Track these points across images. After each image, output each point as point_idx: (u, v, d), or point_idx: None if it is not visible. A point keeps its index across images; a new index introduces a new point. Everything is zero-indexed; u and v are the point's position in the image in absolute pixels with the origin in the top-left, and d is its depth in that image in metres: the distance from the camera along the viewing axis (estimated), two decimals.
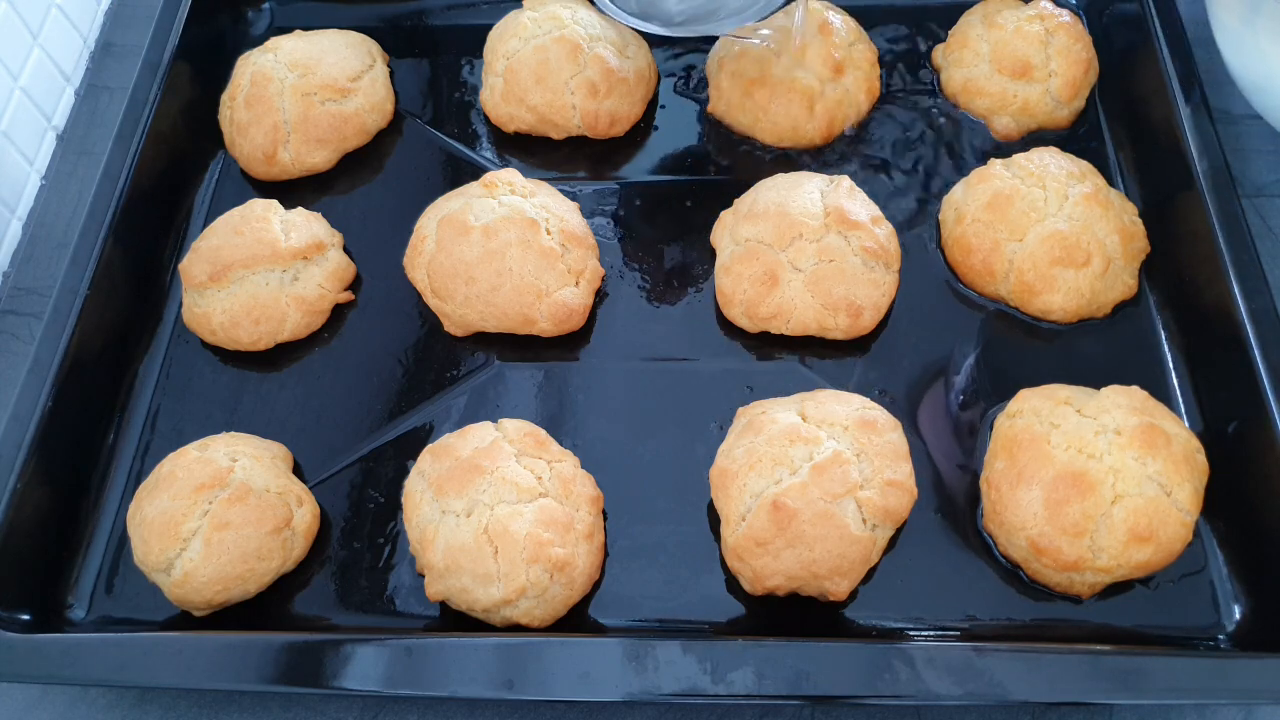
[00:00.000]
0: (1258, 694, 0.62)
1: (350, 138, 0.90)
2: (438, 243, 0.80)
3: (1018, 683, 0.61)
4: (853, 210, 0.78)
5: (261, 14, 1.01)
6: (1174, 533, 0.66)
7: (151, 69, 0.90)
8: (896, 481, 0.68)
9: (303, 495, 0.73)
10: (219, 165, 0.92)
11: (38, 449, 0.73)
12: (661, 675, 0.62)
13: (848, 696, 0.62)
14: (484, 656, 0.63)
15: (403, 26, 0.99)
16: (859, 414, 0.71)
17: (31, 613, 0.70)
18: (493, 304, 0.79)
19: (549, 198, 0.83)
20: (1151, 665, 0.61)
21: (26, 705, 0.71)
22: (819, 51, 0.86)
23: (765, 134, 0.89)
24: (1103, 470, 0.66)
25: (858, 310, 0.77)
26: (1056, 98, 0.87)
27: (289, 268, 0.81)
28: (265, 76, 0.89)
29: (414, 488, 0.71)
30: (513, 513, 0.67)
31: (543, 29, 0.89)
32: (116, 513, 0.75)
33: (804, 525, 0.66)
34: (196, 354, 0.82)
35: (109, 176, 0.84)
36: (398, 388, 0.80)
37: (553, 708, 0.69)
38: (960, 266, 0.81)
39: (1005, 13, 0.89)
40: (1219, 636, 0.67)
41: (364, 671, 0.63)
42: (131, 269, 0.84)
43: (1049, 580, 0.68)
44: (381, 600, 0.71)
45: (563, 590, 0.67)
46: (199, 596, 0.68)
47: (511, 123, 0.90)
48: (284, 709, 0.69)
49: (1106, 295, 0.78)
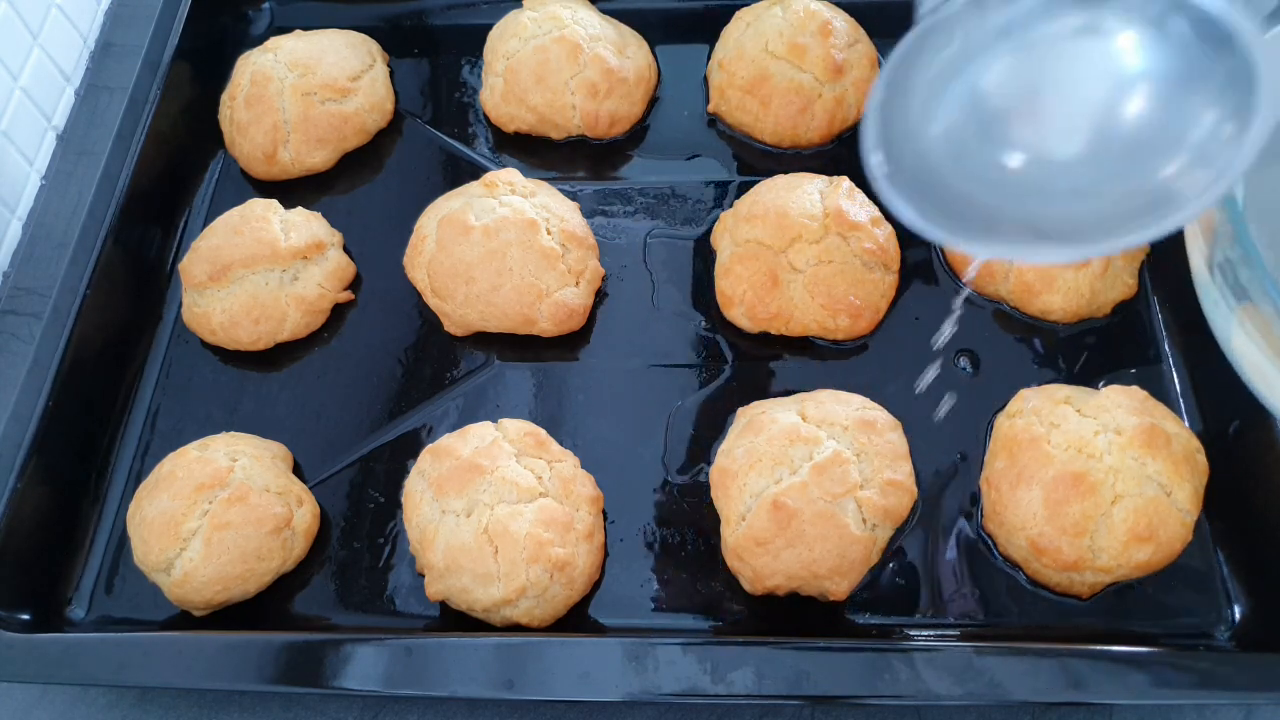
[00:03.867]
0: (1258, 694, 0.62)
1: (350, 138, 0.90)
2: (438, 242, 0.80)
3: (1018, 683, 0.61)
4: (852, 211, 0.78)
5: (261, 14, 1.01)
6: (1174, 533, 0.66)
7: (151, 69, 0.90)
8: (896, 481, 0.68)
9: (303, 495, 0.73)
10: (219, 165, 0.92)
11: (38, 449, 0.73)
12: (661, 675, 0.62)
13: (848, 696, 0.62)
14: (484, 656, 0.63)
15: (403, 26, 0.99)
16: (859, 414, 0.71)
17: (31, 613, 0.70)
18: (493, 304, 0.79)
19: (549, 198, 0.83)
20: (1151, 665, 0.61)
21: (26, 705, 0.71)
22: (819, 52, 0.86)
23: (765, 134, 0.89)
24: (1103, 470, 0.66)
25: (858, 311, 0.77)
26: None
27: (289, 267, 0.81)
28: (265, 76, 0.89)
29: (414, 488, 0.71)
30: (513, 513, 0.67)
31: (543, 29, 0.89)
32: (116, 513, 0.75)
33: (804, 525, 0.66)
34: (196, 354, 0.82)
35: (109, 176, 0.84)
36: (397, 388, 0.80)
37: (553, 708, 0.69)
38: (960, 267, 0.81)
39: None
40: (1219, 636, 0.67)
41: (364, 671, 0.63)
42: (131, 269, 0.84)
43: (1049, 580, 0.68)
44: (381, 600, 0.71)
45: (563, 590, 0.67)
46: (199, 596, 0.68)
47: (511, 123, 0.90)
48: (284, 709, 0.69)
49: (1106, 295, 0.78)
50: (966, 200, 0.49)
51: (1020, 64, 0.47)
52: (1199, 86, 0.45)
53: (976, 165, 0.49)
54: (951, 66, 0.49)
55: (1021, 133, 0.48)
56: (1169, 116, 0.46)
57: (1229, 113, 0.44)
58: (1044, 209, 0.48)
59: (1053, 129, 0.48)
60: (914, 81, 0.49)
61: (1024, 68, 0.47)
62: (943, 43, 0.49)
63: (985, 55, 0.48)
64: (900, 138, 0.49)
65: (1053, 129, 0.48)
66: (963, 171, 0.49)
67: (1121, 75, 0.46)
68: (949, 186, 0.49)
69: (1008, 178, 0.48)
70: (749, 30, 0.89)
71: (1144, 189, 0.46)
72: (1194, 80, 0.45)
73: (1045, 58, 0.47)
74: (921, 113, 0.49)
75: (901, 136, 0.49)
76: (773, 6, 0.89)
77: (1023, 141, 0.48)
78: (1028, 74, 0.47)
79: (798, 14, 0.87)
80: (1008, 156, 0.48)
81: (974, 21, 0.48)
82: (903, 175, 0.49)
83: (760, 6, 0.90)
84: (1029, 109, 0.48)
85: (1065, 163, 0.48)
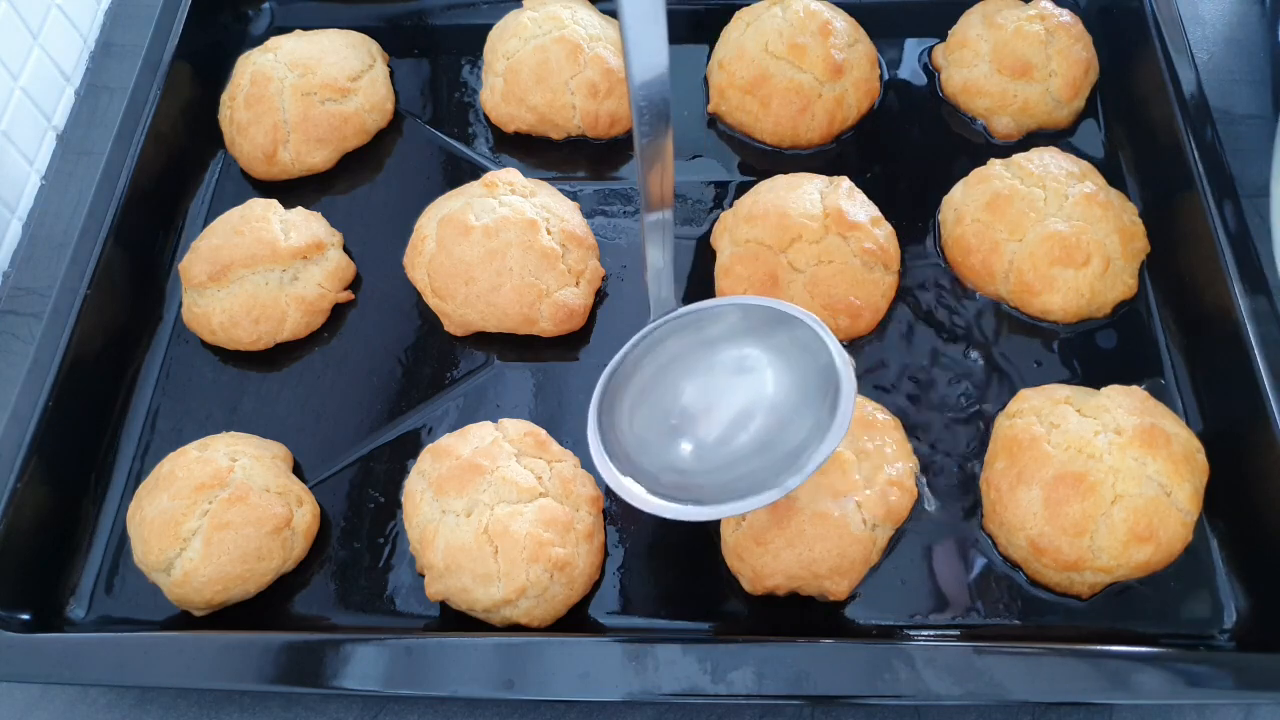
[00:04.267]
0: (1258, 694, 0.62)
1: (350, 137, 0.90)
2: (438, 242, 0.80)
3: (1018, 683, 0.61)
4: (852, 211, 0.78)
5: (261, 14, 1.01)
6: (1174, 533, 0.66)
7: (151, 69, 0.90)
8: (896, 481, 0.68)
9: (303, 495, 0.73)
10: (219, 165, 0.92)
11: (38, 449, 0.73)
12: (661, 675, 0.62)
13: (848, 696, 0.62)
14: (484, 656, 0.63)
15: (403, 26, 0.99)
16: (860, 414, 0.71)
17: (31, 613, 0.70)
18: (493, 304, 0.79)
19: (549, 198, 0.83)
20: (1151, 665, 0.61)
21: (26, 705, 0.71)
22: (819, 52, 0.86)
23: (765, 134, 0.89)
24: (1103, 470, 0.66)
25: (857, 311, 0.77)
26: (1056, 98, 0.87)
27: (289, 267, 0.81)
28: (265, 76, 0.89)
29: (414, 488, 0.71)
30: (513, 512, 0.67)
31: (543, 29, 0.89)
32: (116, 513, 0.75)
33: (804, 525, 0.66)
34: (196, 354, 0.82)
35: (109, 176, 0.84)
36: (397, 388, 0.80)
37: (553, 708, 0.69)
38: (960, 266, 0.81)
39: (1005, 12, 0.89)
40: (1219, 636, 0.67)
41: (364, 671, 0.63)
42: (131, 269, 0.84)
43: (1049, 580, 0.68)
44: (381, 600, 0.71)
45: (563, 590, 0.67)
46: (199, 596, 0.68)
47: (512, 123, 0.90)
48: (284, 709, 0.69)
49: (1106, 295, 0.78)
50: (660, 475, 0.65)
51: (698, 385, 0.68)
52: (808, 399, 0.64)
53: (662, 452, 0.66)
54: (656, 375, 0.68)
55: (693, 427, 0.67)
56: (787, 422, 0.64)
57: (826, 413, 0.62)
58: (702, 481, 0.65)
59: (712, 428, 0.66)
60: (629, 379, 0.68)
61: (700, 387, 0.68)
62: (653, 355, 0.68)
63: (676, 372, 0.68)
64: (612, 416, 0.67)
65: (712, 428, 0.66)
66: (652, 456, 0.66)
67: (760, 397, 0.66)
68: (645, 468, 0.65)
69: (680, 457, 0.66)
70: (749, 30, 0.89)
71: (770, 466, 0.63)
72: (806, 395, 0.64)
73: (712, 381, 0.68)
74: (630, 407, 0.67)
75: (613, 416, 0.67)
76: (773, 6, 0.89)
77: (691, 434, 0.67)
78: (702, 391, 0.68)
79: (798, 14, 0.87)
80: (682, 442, 0.66)
81: (686, 337, 0.68)
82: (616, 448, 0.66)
83: (760, 6, 0.90)
84: (699, 413, 0.67)
85: (717, 449, 0.66)
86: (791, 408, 0.65)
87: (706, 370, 0.68)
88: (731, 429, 0.66)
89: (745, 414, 0.66)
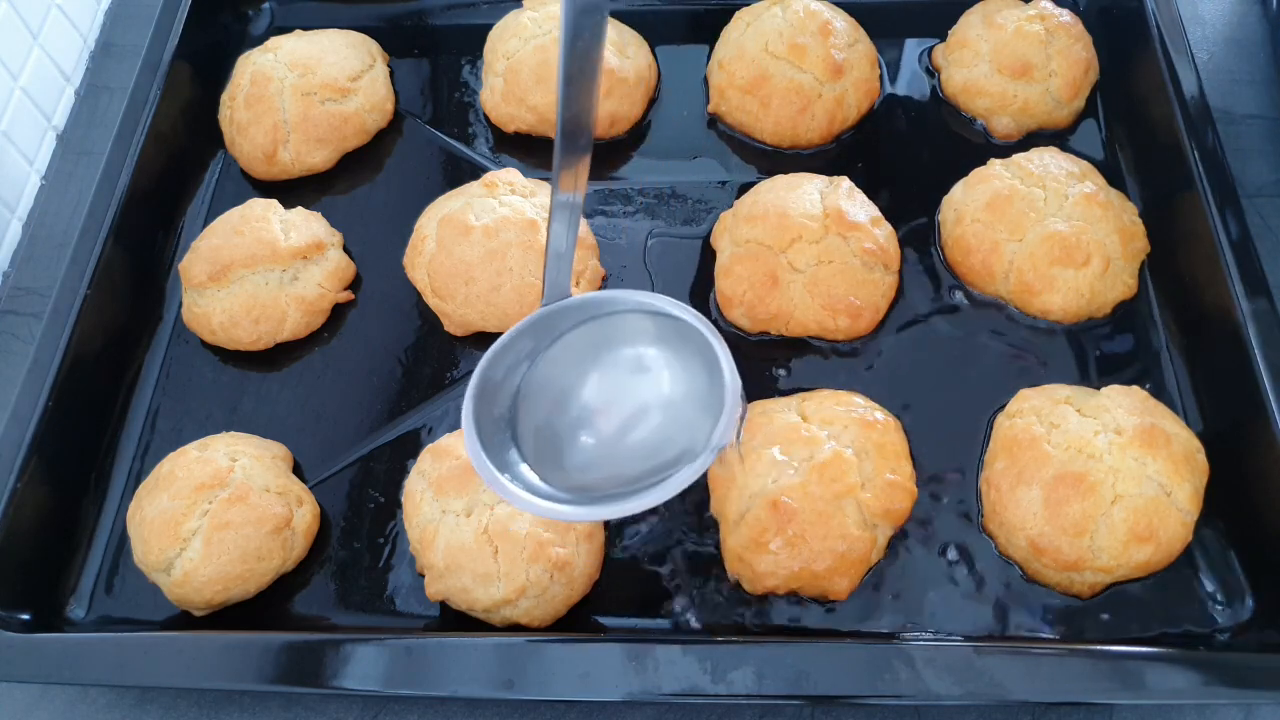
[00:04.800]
0: (1258, 694, 0.62)
1: (350, 137, 0.90)
2: (438, 242, 0.80)
3: (1018, 683, 0.61)
4: (852, 211, 0.78)
5: (261, 14, 1.01)
6: (1174, 533, 0.66)
7: (151, 69, 0.90)
8: (896, 481, 0.68)
9: (303, 495, 0.73)
10: (219, 165, 0.92)
11: (38, 449, 0.73)
12: (661, 675, 0.62)
13: (848, 696, 0.62)
14: (484, 656, 0.63)
15: (403, 26, 0.99)
16: (859, 414, 0.71)
17: (31, 613, 0.70)
18: (493, 304, 0.79)
19: (549, 198, 0.82)
20: (1151, 665, 0.61)
21: (26, 705, 0.71)
22: (819, 52, 0.86)
23: (765, 134, 0.89)
24: (1103, 470, 0.66)
25: (857, 311, 0.77)
26: (1056, 98, 0.87)
27: (289, 267, 0.81)
28: (265, 76, 0.89)
29: (414, 487, 0.71)
30: (513, 512, 0.67)
31: (543, 29, 0.89)
32: (116, 513, 0.75)
33: (804, 525, 0.66)
34: (196, 354, 0.82)
35: (109, 177, 0.84)
36: (397, 388, 0.80)
37: (553, 708, 0.69)
38: (960, 267, 0.81)
39: (1005, 12, 0.89)
40: (1219, 636, 0.67)
41: (364, 671, 0.63)
42: (131, 269, 0.84)
43: (1049, 580, 0.68)
44: (381, 600, 0.71)
45: (563, 590, 0.67)
46: (199, 596, 0.68)
47: (512, 123, 0.90)
48: (284, 709, 0.69)
49: (1106, 295, 0.78)
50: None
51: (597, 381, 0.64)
52: (697, 401, 0.61)
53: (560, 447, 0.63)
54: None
55: (592, 422, 0.64)
56: (679, 421, 0.62)
57: (714, 414, 0.59)
58: (598, 476, 0.61)
59: (608, 421, 0.63)
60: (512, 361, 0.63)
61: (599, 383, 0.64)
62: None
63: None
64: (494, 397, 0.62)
65: (608, 421, 0.63)
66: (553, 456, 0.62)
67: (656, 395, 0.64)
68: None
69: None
70: (749, 30, 0.89)
71: (664, 461, 0.59)
72: (695, 395, 0.61)
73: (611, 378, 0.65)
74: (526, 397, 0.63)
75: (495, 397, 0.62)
76: (773, 6, 0.89)
77: (590, 428, 0.63)
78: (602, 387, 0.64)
79: (798, 14, 0.87)
80: (582, 437, 0.63)
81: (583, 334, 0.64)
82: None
83: (760, 6, 0.90)
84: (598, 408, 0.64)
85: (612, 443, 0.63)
86: (688, 407, 0.63)
87: (608, 367, 0.65)
88: (626, 427, 0.63)
89: (640, 412, 0.64)
